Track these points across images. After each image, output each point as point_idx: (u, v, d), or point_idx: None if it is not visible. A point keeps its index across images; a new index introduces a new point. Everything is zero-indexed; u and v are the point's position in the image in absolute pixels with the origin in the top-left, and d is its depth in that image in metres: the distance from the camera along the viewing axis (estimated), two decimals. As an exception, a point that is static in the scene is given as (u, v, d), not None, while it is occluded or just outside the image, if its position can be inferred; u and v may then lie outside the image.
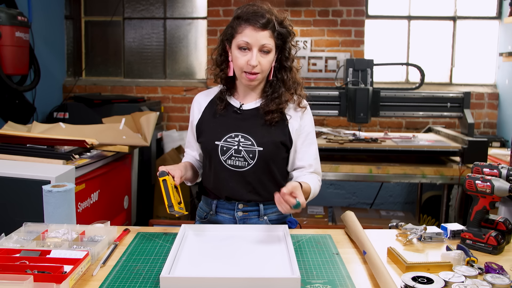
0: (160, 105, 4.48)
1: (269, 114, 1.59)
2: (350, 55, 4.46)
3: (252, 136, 1.58)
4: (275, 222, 1.66)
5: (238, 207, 1.63)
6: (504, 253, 1.42)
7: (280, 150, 1.61)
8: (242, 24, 1.51)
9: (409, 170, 2.99)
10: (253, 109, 1.63)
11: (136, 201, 3.34)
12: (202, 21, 4.68)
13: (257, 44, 1.51)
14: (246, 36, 1.51)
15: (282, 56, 1.60)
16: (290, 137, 1.62)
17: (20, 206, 2.01)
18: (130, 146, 2.82)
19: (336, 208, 3.84)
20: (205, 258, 1.31)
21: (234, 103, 1.65)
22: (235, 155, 1.57)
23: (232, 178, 1.59)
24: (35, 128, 2.77)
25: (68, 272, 1.13)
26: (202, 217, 1.72)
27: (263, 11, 1.51)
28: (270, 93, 1.61)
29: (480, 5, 4.51)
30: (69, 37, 4.77)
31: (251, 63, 1.51)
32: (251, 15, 1.51)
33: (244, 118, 1.62)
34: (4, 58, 3.28)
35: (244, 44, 1.51)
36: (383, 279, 1.15)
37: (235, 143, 1.58)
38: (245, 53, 1.52)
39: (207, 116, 1.66)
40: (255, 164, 1.57)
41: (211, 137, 1.60)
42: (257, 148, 1.57)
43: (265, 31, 1.51)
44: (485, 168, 1.47)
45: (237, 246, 1.40)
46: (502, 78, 4.40)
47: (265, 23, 1.50)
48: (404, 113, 3.21)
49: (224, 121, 1.62)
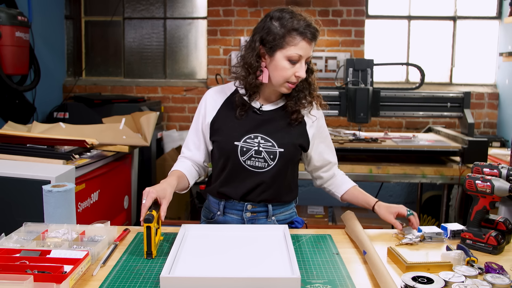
0: (160, 105, 4.48)
1: (295, 114, 1.60)
2: (350, 55, 4.46)
3: (272, 137, 1.57)
4: (282, 222, 1.67)
5: (246, 208, 1.62)
6: (504, 253, 1.42)
7: (298, 151, 1.63)
8: (297, 36, 1.48)
9: (409, 170, 2.99)
10: (273, 110, 1.62)
11: (136, 201, 3.34)
12: (202, 21, 4.68)
13: (307, 56, 1.52)
14: (301, 49, 1.49)
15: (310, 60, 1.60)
16: (308, 139, 1.64)
17: (20, 206, 2.01)
18: (130, 146, 2.82)
19: (336, 208, 3.85)
20: (205, 258, 1.31)
21: (253, 104, 1.63)
22: (255, 156, 1.56)
23: (249, 178, 1.58)
24: (35, 128, 2.77)
25: (68, 272, 1.13)
26: (208, 218, 1.70)
27: (312, 22, 1.50)
28: (296, 94, 1.60)
29: (480, 5, 4.51)
30: (69, 37, 4.77)
31: (300, 75, 1.51)
32: (306, 27, 1.48)
33: (264, 119, 1.60)
34: (4, 58, 3.28)
35: (297, 58, 1.50)
36: (383, 279, 1.15)
37: (255, 144, 1.57)
38: (294, 65, 1.51)
39: (224, 114, 1.63)
40: (275, 165, 1.57)
41: (229, 137, 1.58)
42: (278, 150, 1.57)
43: (313, 44, 1.52)
44: (485, 168, 1.47)
45: (237, 246, 1.40)
46: (502, 78, 4.40)
47: (317, 35, 1.50)
48: (404, 113, 3.21)
49: (243, 121, 1.60)
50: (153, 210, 1.36)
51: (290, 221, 1.69)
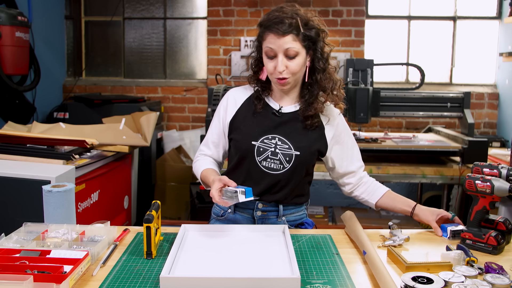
0: (160, 105, 4.48)
1: (309, 119, 1.59)
2: (350, 55, 4.46)
3: (289, 140, 1.57)
4: (292, 223, 1.67)
5: (257, 207, 1.62)
6: (504, 253, 1.42)
7: (314, 156, 1.62)
8: (266, 31, 1.52)
9: (409, 170, 2.99)
10: (292, 113, 1.62)
11: (136, 201, 3.34)
12: (202, 21, 4.68)
13: (281, 50, 1.50)
14: (270, 43, 1.50)
15: (314, 57, 1.58)
16: (326, 144, 1.62)
17: (20, 206, 2.01)
18: (130, 146, 2.83)
19: (336, 208, 3.84)
20: (205, 258, 1.31)
21: (273, 105, 1.63)
22: (271, 157, 1.56)
23: (263, 179, 1.58)
24: (35, 128, 2.77)
25: (68, 272, 1.13)
26: (219, 215, 1.69)
27: (283, 16, 1.49)
28: (308, 97, 1.60)
29: (480, 5, 4.51)
30: (69, 37, 4.77)
31: (277, 69, 1.51)
32: (272, 22, 1.50)
33: (283, 121, 1.60)
34: (4, 58, 3.28)
35: (269, 51, 1.52)
36: (383, 279, 1.14)
37: (272, 145, 1.57)
38: (273, 60, 1.52)
39: (244, 113, 1.64)
40: (290, 168, 1.57)
41: (247, 136, 1.58)
42: (295, 153, 1.56)
43: (288, 36, 1.49)
44: (485, 168, 1.47)
45: (237, 246, 1.40)
46: (502, 78, 4.40)
47: (286, 28, 1.49)
48: (404, 113, 3.21)
49: (262, 121, 1.60)
50: (153, 210, 1.36)
51: (300, 222, 1.69)
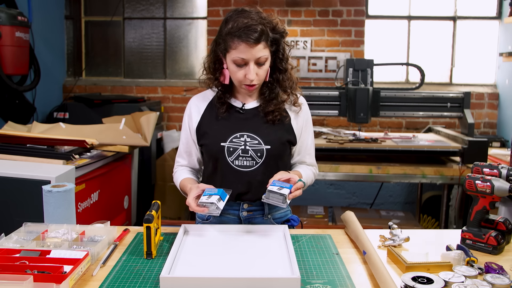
0: (160, 105, 4.48)
1: (270, 115, 1.60)
2: (350, 55, 4.46)
3: (258, 135, 1.58)
4: (278, 221, 1.67)
5: (243, 207, 1.62)
6: (504, 253, 1.42)
7: (286, 147, 1.63)
8: (235, 40, 1.46)
9: (409, 170, 2.99)
10: (255, 108, 1.63)
11: (136, 201, 3.34)
12: (202, 21, 4.68)
13: (253, 59, 1.48)
14: (241, 53, 1.47)
15: (277, 58, 1.58)
16: (294, 134, 1.63)
17: (20, 206, 2.01)
18: (130, 146, 2.82)
19: (336, 208, 3.84)
20: (205, 258, 1.31)
21: (235, 104, 1.64)
22: (242, 155, 1.57)
23: (239, 179, 1.58)
24: (35, 128, 2.77)
25: (68, 272, 1.13)
26: (204, 219, 1.69)
27: (254, 24, 1.45)
28: (268, 94, 1.61)
29: (480, 5, 4.50)
30: (69, 37, 4.77)
31: (249, 77, 1.49)
32: (243, 31, 1.44)
33: (247, 118, 1.61)
34: (4, 58, 3.28)
35: (240, 61, 1.49)
36: (383, 279, 1.14)
37: (242, 143, 1.57)
38: (242, 68, 1.50)
39: (208, 118, 1.64)
40: (263, 163, 1.57)
41: (216, 139, 1.59)
42: (265, 147, 1.57)
43: (259, 45, 1.47)
44: (485, 168, 1.47)
45: (237, 246, 1.40)
46: (502, 78, 4.40)
47: (258, 37, 1.45)
48: (404, 113, 3.21)
49: (227, 122, 1.61)
50: (153, 210, 1.36)
51: (286, 219, 1.69)
